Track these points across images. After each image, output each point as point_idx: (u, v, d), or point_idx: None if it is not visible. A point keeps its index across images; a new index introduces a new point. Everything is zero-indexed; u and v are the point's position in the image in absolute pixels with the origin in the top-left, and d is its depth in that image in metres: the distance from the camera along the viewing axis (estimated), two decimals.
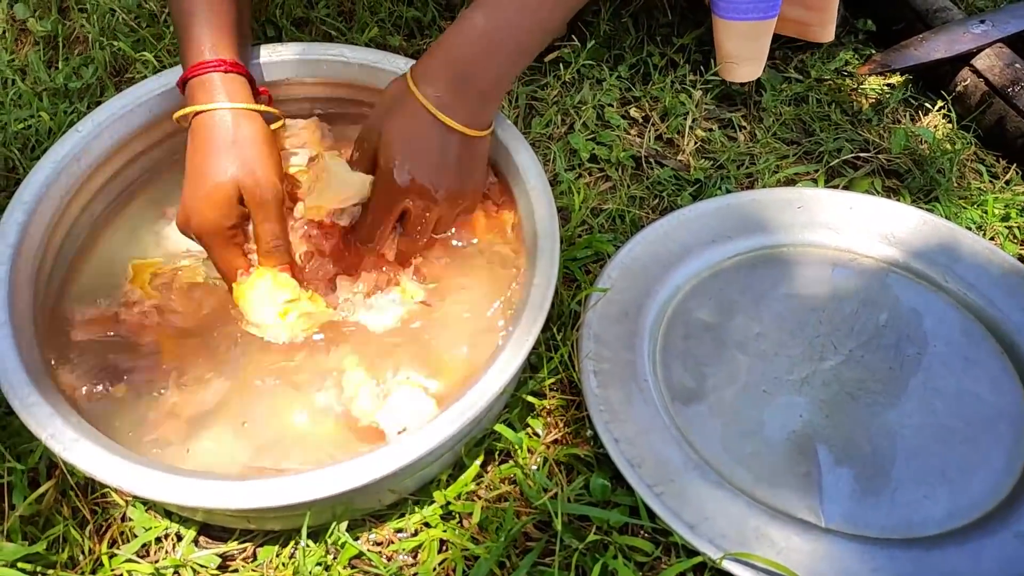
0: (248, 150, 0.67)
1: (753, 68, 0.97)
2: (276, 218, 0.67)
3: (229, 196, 0.66)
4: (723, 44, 0.96)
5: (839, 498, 0.68)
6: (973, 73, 1.01)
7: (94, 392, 0.66)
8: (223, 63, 0.69)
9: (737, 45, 0.95)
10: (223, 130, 0.67)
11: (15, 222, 0.68)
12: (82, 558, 0.64)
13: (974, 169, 0.98)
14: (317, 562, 0.63)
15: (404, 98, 0.67)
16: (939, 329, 0.79)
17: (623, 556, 0.64)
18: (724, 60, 0.97)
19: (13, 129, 0.92)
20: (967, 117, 1.01)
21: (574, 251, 0.83)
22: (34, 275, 0.68)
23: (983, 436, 0.72)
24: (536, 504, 0.66)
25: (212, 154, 0.67)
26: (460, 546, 0.64)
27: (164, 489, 0.56)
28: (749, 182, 0.94)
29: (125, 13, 1.06)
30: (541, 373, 0.73)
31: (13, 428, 0.69)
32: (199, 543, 0.66)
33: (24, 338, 0.63)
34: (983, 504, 0.68)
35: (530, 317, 0.64)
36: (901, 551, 0.65)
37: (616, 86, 1.02)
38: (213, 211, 0.66)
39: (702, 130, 0.99)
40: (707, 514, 0.65)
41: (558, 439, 0.71)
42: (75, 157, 0.73)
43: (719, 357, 0.77)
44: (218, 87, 0.68)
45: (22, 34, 1.07)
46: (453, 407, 0.59)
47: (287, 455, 0.64)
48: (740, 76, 0.98)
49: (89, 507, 0.66)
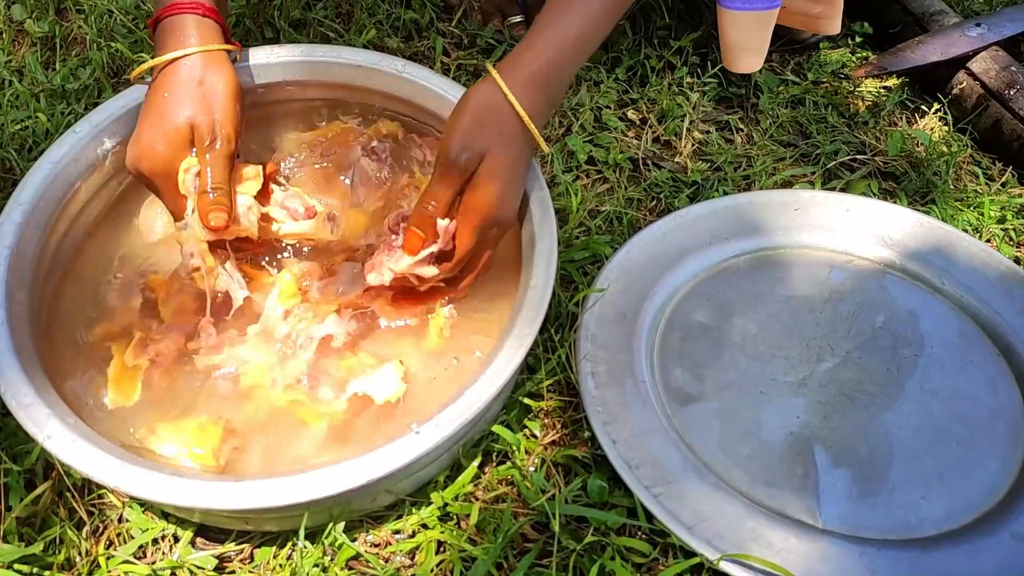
0: (212, 97, 0.67)
1: (755, 59, 0.98)
2: (222, 165, 0.66)
3: (184, 137, 0.66)
4: (728, 34, 0.97)
5: (836, 499, 0.68)
6: (969, 76, 1.01)
7: (89, 393, 0.66)
8: (200, 6, 0.68)
9: (741, 35, 0.96)
10: (190, 72, 0.67)
11: (12, 223, 0.68)
12: (79, 559, 0.63)
13: (970, 172, 0.98)
14: (314, 563, 0.63)
15: (503, 112, 0.65)
16: (936, 331, 0.79)
17: (621, 557, 0.64)
18: (728, 50, 0.98)
19: (10, 130, 0.91)
20: (963, 120, 1.01)
21: (572, 253, 0.83)
22: (31, 276, 0.68)
23: (980, 438, 0.72)
24: (534, 505, 0.66)
25: (174, 95, 0.66)
26: (457, 547, 0.64)
27: (161, 490, 0.56)
28: (746, 184, 0.94)
29: (123, 14, 1.06)
30: (539, 375, 0.73)
31: (9, 429, 0.68)
32: (196, 544, 0.66)
33: (21, 339, 0.63)
34: (980, 505, 0.68)
35: (527, 318, 0.64)
36: (898, 552, 0.65)
37: (614, 88, 1.02)
38: (166, 150, 0.65)
39: (699, 132, 0.99)
40: (704, 515, 0.65)
41: (556, 440, 0.71)
42: (72, 158, 0.73)
43: (716, 358, 0.77)
44: (191, 30, 0.68)
45: (19, 35, 1.07)
46: (450, 408, 0.59)
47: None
48: (743, 67, 0.99)
49: (86, 508, 0.66)
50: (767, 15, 0.94)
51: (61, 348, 0.68)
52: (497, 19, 1.09)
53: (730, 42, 0.97)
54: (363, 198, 0.79)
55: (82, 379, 0.67)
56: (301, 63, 0.81)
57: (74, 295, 0.72)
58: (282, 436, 0.65)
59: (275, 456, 0.64)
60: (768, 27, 0.96)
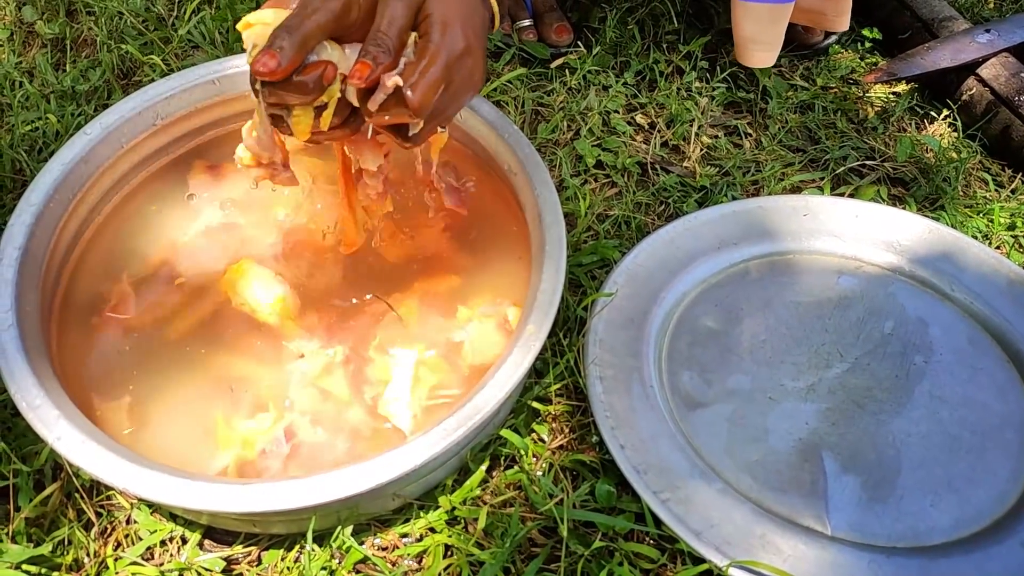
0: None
1: (768, 54, 0.99)
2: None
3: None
4: (742, 27, 0.98)
5: (845, 506, 0.68)
6: (979, 82, 1.01)
7: (100, 393, 0.66)
8: None
9: (756, 29, 0.96)
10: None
11: (23, 224, 0.68)
12: (87, 560, 0.63)
13: (980, 178, 0.98)
14: (322, 566, 0.63)
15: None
16: (945, 338, 0.79)
17: (629, 563, 0.64)
18: (741, 43, 0.99)
19: (21, 131, 0.92)
20: (973, 126, 1.01)
21: (580, 257, 0.83)
22: (41, 277, 0.68)
23: (989, 445, 0.72)
24: (542, 510, 0.66)
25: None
26: (465, 551, 0.64)
27: (170, 492, 0.56)
28: (755, 189, 0.94)
29: (133, 16, 1.07)
30: (547, 379, 0.73)
31: (19, 430, 0.69)
32: (204, 546, 0.66)
33: (31, 340, 0.63)
34: (989, 513, 0.68)
35: (536, 322, 0.64)
36: (906, 560, 0.65)
37: (622, 92, 1.02)
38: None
39: (708, 137, 0.99)
40: (713, 521, 0.65)
41: (564, 445, 0.71)
42: (83, 159, 0.73)
43: (725, 364, 0.77)
44: None
45: (30, 36, 1.08)
46: (459, 412, 0.59)
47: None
48: (756, 61, 1.00)
49: (94, 509, 0.66)
50: (780, 9, 0.95)
51: (71, 349, 0.68)
52: (506, 23, 1.09)
53: (743, 35, 0.98)
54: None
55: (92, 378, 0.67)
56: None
57: (83, 296, 0.72)
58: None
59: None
60: (781, 22, 0.97)
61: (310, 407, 0.67)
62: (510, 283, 0.73)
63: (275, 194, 0.78)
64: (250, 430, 0.65)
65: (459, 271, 0.75)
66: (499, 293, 0.73)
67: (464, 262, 0.76)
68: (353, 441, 0.66)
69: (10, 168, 0.89)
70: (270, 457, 0.64)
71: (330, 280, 0.74)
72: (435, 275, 0.74)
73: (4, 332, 0.62)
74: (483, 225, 0.77)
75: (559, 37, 1.07)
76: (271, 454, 0.64)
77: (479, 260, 0.76)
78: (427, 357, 0.69)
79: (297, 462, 0.64)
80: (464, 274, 0.75)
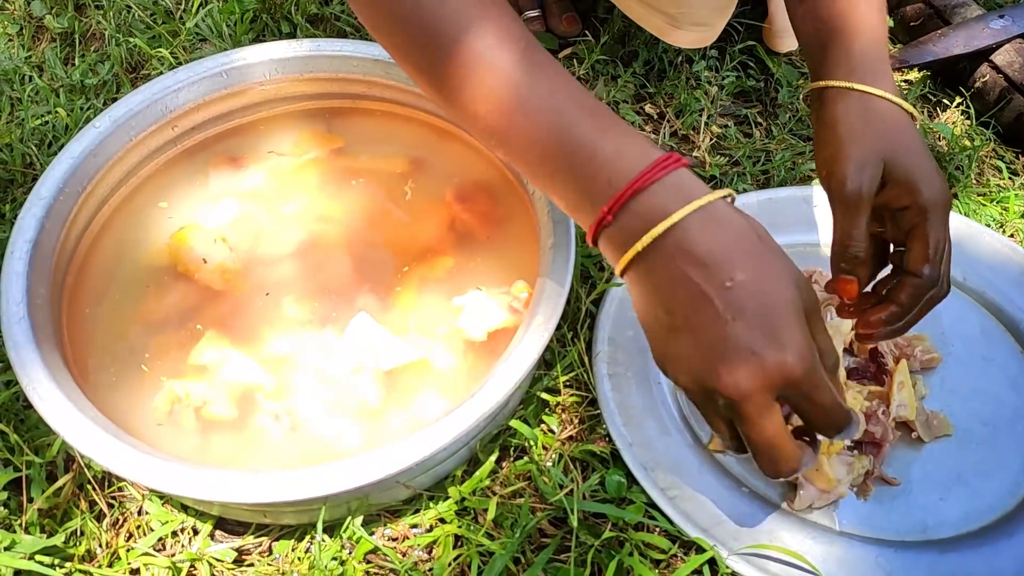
0: (779, 251, 0.50)
1: (794, 40, 1.02)
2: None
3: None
4: (777, 19, 1.02)
5: (853, 500, 0.67)
6: (992, 69, 1.00)
7: (110, 383, 0.66)
8: (676, 157, 0.50)
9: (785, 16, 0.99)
10: (739, 226, 0.49)
11: (33, 217, 0.69)
12: (99, 551, 0.64)
13: (993, 166, 0.97)
14: (332, 556, 0.63)
15: (898, 115, 0.61)
16: (957, 327, 0.78)
17: (639, 553, 0.64)
18: (774, 31, 1.02)
19: (30, 125, 0.92)
20: (986, 113, 1.00)
21: (589, 247, 0.83)
22: (52, 269, 0.69)
23: (1001, 437, 0.71)
24: (551, 500, 0.66)
25: (754, 257, 0.48)
26: (475, 542, 0.64)
27: (182, 483, 0.56)
28: (765, 179, 0.93)
29: (141, 10, 1.07)
30: (555, 370, 0.73)
31: (31, 422, 0.69)
32: (215, 537, 0.66)
33: (42, 332, 0.63)
34: (999, 506, 0.67)
35: (545, 313, 0.64)
36: (915, 554, 0.64)
37: (631, 82, 1.02)
38: (797, 338, 0.47)
39: (717, 127, 0.99)
40: (720, 517, 0.65)
41: (573, 435, 0.71)
42: (92, 153, 0.74)
43: None
44: (691, 182, 0.49)
45: (39, 31, 1.08)
46: (468, 403, 0.60)
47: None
48: (785, 46, 1.04)
49: (106, 500, 0.66)
50: None
51: (81, 342, 0.69)
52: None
53: (779, 27, 1.01)
54: None
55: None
56: (319, 57, 0.81)
57: (93, 289, 0.73)
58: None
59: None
60: None
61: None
62: (518, 273, 0.73)
63: (291, 186, 0.78)
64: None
65: (466, 257, 0.75)
66: (507, 282, 0.73)
67: (470, 250, 0.75)
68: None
69: (20, 162, 0.89)
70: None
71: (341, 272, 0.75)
72: (433, 260, 0.75)
73: (15, 324, 0.62)
74: (491, 214, 0.77)
75: (567, 27, 1.07)
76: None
77: (486, 248, 0.75)
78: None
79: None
80: (470, 261, 0.74)
